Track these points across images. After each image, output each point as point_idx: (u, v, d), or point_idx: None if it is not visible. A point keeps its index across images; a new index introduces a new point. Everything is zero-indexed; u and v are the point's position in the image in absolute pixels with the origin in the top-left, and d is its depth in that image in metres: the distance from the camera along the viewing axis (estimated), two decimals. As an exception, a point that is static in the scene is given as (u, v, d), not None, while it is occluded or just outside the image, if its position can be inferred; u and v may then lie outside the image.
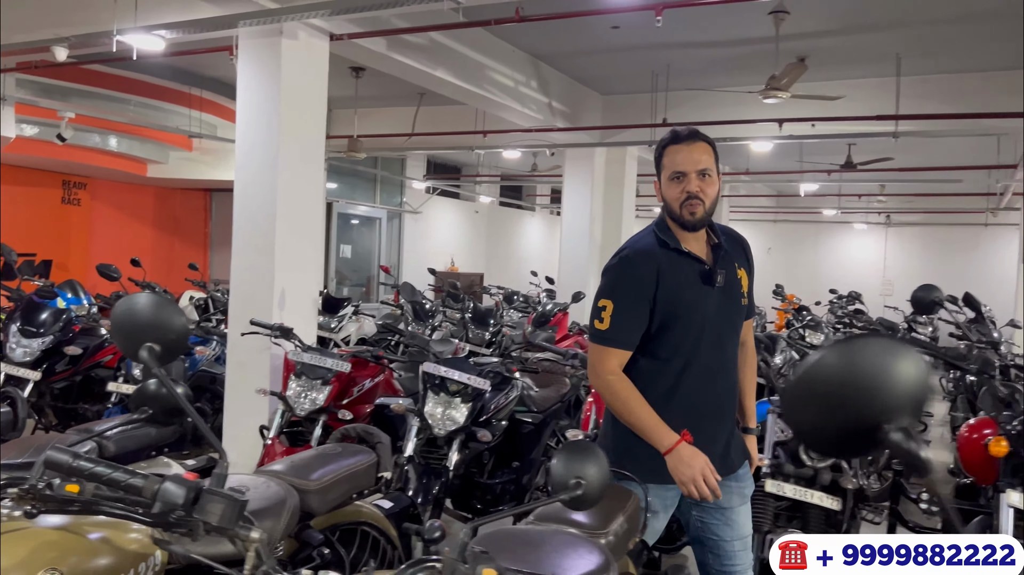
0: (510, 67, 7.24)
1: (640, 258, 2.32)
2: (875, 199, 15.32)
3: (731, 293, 2.40)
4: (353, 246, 13.23)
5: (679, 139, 2.32)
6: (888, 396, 0.85)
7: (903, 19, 6.44)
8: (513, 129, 8.38)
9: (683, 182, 2.28)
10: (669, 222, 2.36)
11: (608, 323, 2.31)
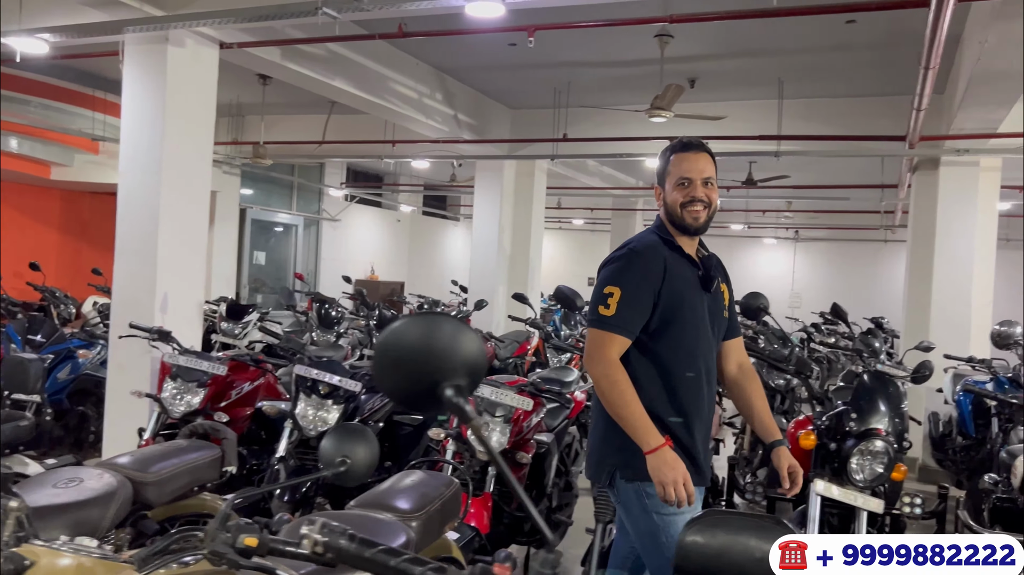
0: (414, 79, 7.40)
1: (649, 251, 2.39)
2: (783, 215, 15.97)
3: (718, 303, 2.52)
4: (268, 253, 13.17)
5: (687, 148, 2.45)
6: (444, 360, 1.04)
7: (784, 46, 6.84)
8: (422, 140, 8.54)
9: (689, 188, 2.39)
10: (668, 227, 2.46)
11: (614, 309, 2.33)
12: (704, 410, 2.46)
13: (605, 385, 2.34)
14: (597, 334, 2.37)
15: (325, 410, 4.09)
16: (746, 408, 2.65)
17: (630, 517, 2.44)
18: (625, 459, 2.36)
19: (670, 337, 2.37)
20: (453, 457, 3.81)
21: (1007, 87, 5.25)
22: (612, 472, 2.42)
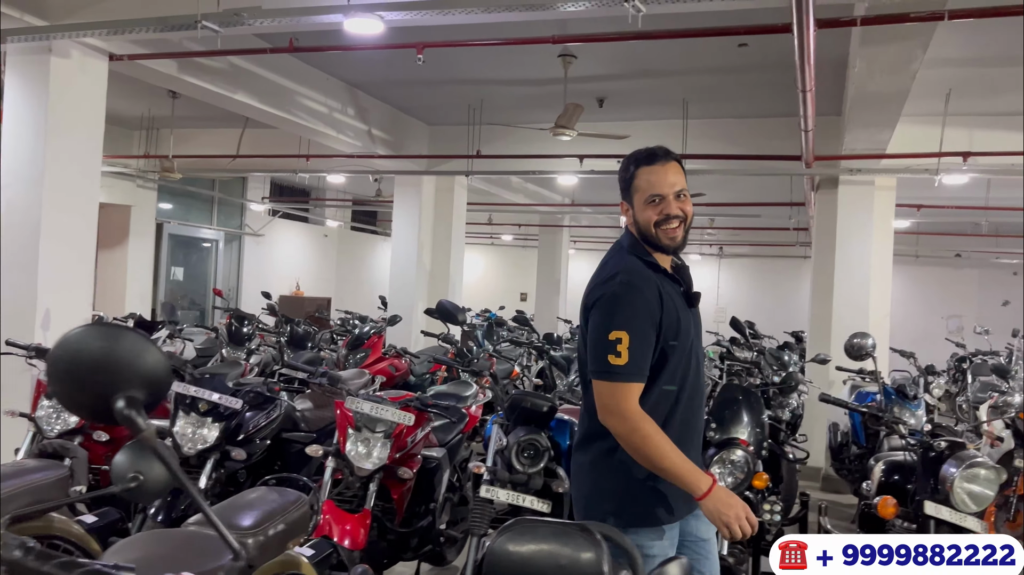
0: (323, 94, 7.38)
1: (643, 282, 2.19)
2: (706, 231, 16.33)
3: (699, 319, 2.37)
4: (187, 269, 12.89)
5: (653, 159, 2.26)
6: (120, 372, 1.05)
7: (686, 67, 7.04)
8: (336, 155, 8.50)
9: (661, 204, 2.21)
10: (643, 245, 2.27)
11: (627, 357, 2.11)
12: (696, 437, 2.34)
13: (637, 441, 2.12)
14: (613, 387, 2.14)
15: (205, 428, 4.02)
16: None
17: None
18: (618, 506, 2.21)
19: (669, 364, 2.21)
20: (333, 474, 3.78)
21: (886, 110, 5.50)
22: (603, 519, 2.22)
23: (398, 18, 3.69)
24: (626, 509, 2.20)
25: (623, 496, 2.20)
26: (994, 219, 11.59)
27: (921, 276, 17.20)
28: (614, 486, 2.21)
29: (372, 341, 7.70)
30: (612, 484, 2.22)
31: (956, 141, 7.16)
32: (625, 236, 2.34)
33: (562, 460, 3.83)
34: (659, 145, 2.32)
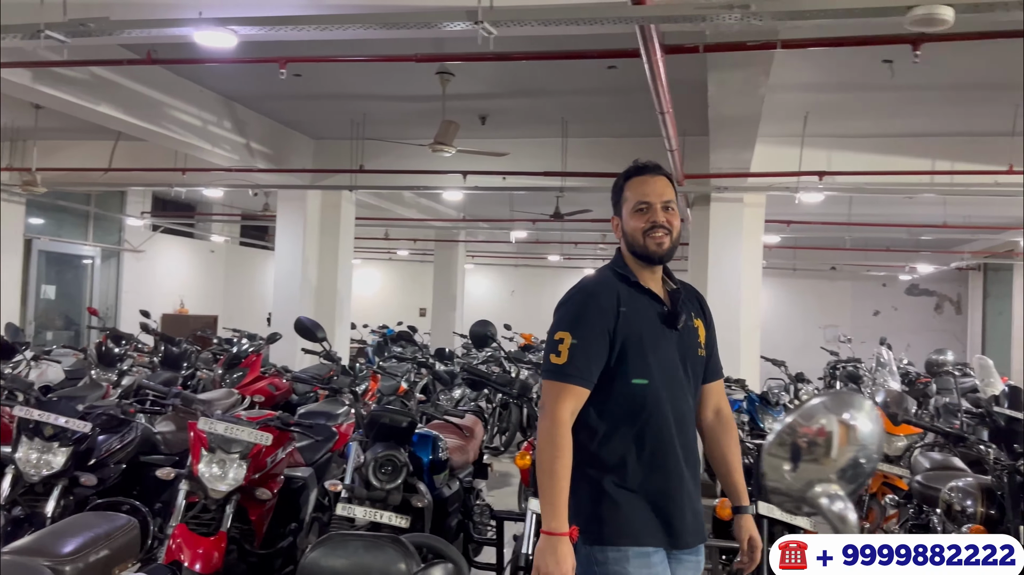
0: (197, 106, 7.20)
1: (599, 288, 2.20)
2: (599, 246, 16.72)
3: (690, 341, 2.26)
4: (60, 287, 12.24)
5: (644, 171, 2.28)
6: None
7: (564, 88, 7.22)
8: (214, 168, 8.29)
9: (648, 213, 2.21)
10: (628, 259, 2.26)
11: (566, 357, 2.12)
12: (678, 463, 2.18)
13: (544, 442, 2.10)
14: (550, 386, 2.13)
15: (51, 453, 3.84)
16: (717, 462, 2.36)
17: None
18: (582, 522, 2.13)
19: (633, 382, 2.14)
20: (187, 497, 3.68)
21: (742, 131, 5.81)
22: None
23: (252, 32, 3.66)
24: (588, 526, 2.12)
25: (587, 512, 2.13)
26: (856, 235, 12.32)
27: (799, 288, 18.10)
28: (577, 501, 2.12)
29: (250, 360, 7.51)
30: (577, 499, 2.13)
31: (815, 161, 7.62)
32: (614, 254, 2.33)
33: (423, 475, 3.86)
34: (651, 160, 2.34)
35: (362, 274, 21.06)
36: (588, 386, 2.13)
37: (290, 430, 4.04)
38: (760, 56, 4.15)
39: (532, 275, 19.76)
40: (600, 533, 2.12)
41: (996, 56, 5.68)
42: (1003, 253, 13.21)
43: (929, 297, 18.03)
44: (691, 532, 2.18)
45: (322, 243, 9.62)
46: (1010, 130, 6.56)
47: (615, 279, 2.23)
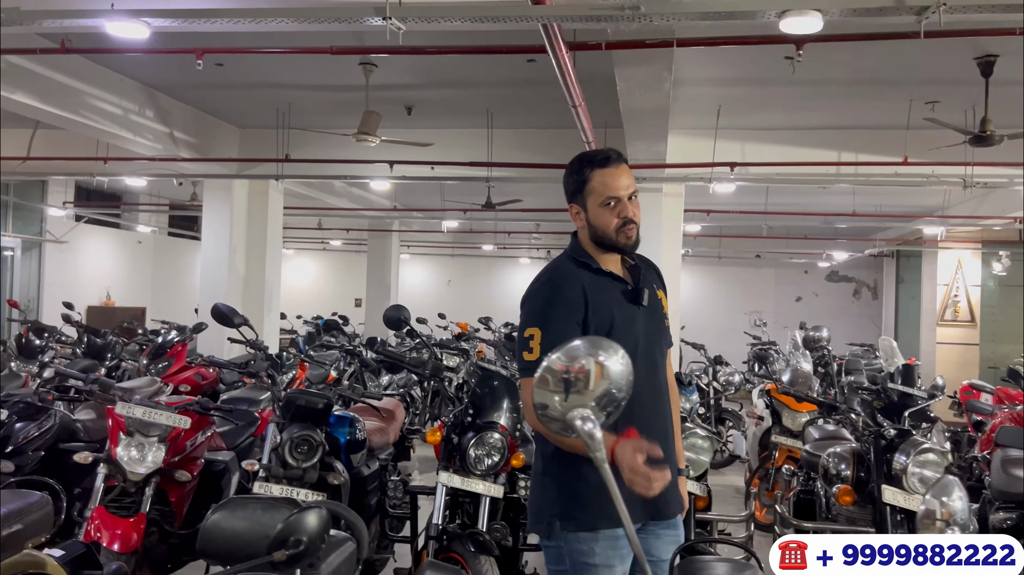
0: (117, 95, 7.13)
1: (564, 281, 2.20)
2: (533, 235, 16.95)
3: (656, 314, 2.31)
4: (-24, 279, 11.90)
5: (608, 162, 2.25)
6: None
7: (488, 79, 7.36)
8: (137, 157, 8.21)
9: (618, 207, 2.21)
10: (587, 245, 2.27)
11: (538, 352, 2.07)
12: (663, 434, 2.23)
13: (555, 438, 2.06)
14: (527, 383, 2.03)
15: (-37, 441, 3.86)
16: None
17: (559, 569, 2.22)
18: (565, 509, 2.16)
19: None
20: (105, 480, 3.75)
21: (653, 124, 6.07)
22: (551, 522, 2.20)
23: (165, 24, 3.73)
24: (571, 513, 2.15)
25: (569, 500, 2.15)
26: (774, 223, 12.82)
27: (725, 275, 18.67)
28: (558, 491, 2.16)
29: (175, 350, 7.49)
30: (557, 488, 2.17)
31: (730, 153, 7.95)
32: (571, 241, 2.34)
33: (341, 454, 4.01)
34: (610, 147, 2.34)
35: (296, 264, 20.88)
36: None
37: (209, 414, 4.14)
38: (660, 54, 4.38)
39: (468, 265, 19.90)
40: (579, 519, 2.14)
41: (886, 54, 6.06)
42: (913, 240, 13.91)
43: (848, 283, 18.79)
44: (671, 503, 2.21)
45: (250, 233, 9.58)
46: (905, 123, 6.99)
47: (576, 267, 2.24)
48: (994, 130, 5.93)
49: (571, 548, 2.18)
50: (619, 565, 2.17)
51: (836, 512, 3.75)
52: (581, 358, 1.11)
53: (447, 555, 3.38)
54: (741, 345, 14.34)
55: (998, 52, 5.77)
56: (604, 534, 2.14)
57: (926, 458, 3.35)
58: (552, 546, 2.24)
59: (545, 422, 1.11)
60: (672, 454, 2.28)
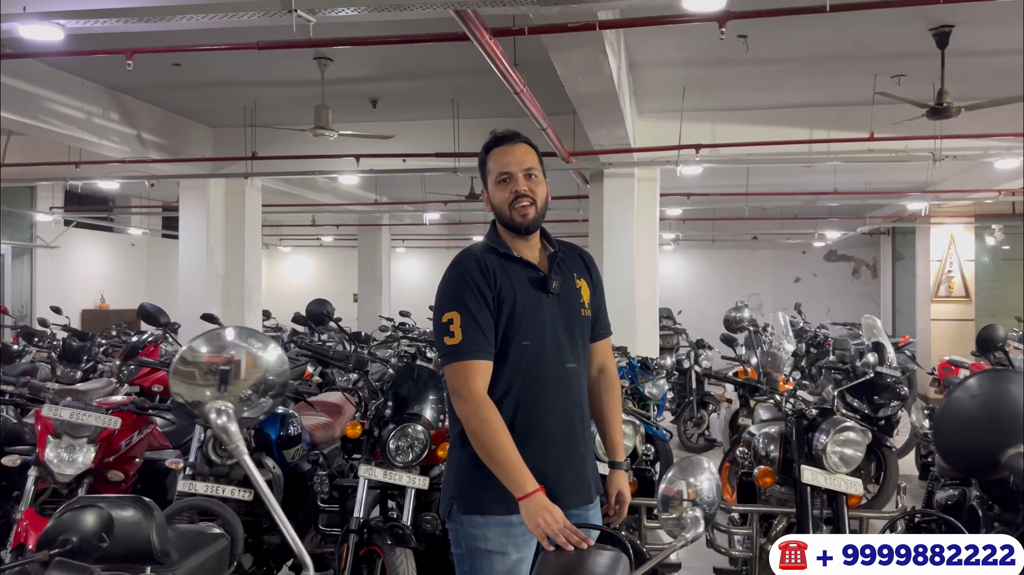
0: (79, 99, 7.15)
1: (471, 262, 2.20)
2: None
3: (569, 302, 2.28)
4: (-33, 286, 12.03)
5: (501, 141, 2.26)
6: None
7: (451, 69, 7.30)
8: (107, 160, 8.25)
9: (511, 183, 2.20)
10: (501, 230, 2.27)
11: (460, 335, 2.10)
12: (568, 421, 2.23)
13: (475, 424, 2.09)
14: (454, 368, 2.12)
15: None
16: (597, 417, 2.41)
17: (457, 553, 2.24)
18: (460, 491, 2.19)
19: (511, 348, 2.16)
20: (36, 483, 3.77)
21: (605, 109, 6.01)
22: (449, 503, 2.22)
23: (79, 26, 3.72)
24: (463, 494, 2.17)
25: (462, 481, 2.17)
26: (764, 203, 12.72)
27: (721, 258, 18.55)
28: (456, 473, 2.20)
29: (148, 350, 7.53)
30: (454, 471, 2.21)
31: (700, 134, 7.88)
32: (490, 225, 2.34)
33: (272, 449, 4.01)
34: (509, 129, 2.32)
35: (293, 262, 20.98)
36: (489, 357, 2.14)
37: (147, 413, 4.15)
38: (590, 36, 4.33)
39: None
40: (471, 502, 2.16)
41: (841, 29, 5.97)
42: (904, 217, 13.75)
43: (847, 262, 18.64)
44: (571, 494, 2.18)
45: (228, 231, 9.61)
46: (870, 99, 6.89)
47: (485, 252, 2.24)
48: (951, 102, 5.82)
49: (464, 531, 2.19)
50: (514, 552, 2.15)
51: (769, 494, 3.71)
52: (230, 349, 1.09)
53: (367, 548, 3.38)
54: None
55: (952, 22, 5.66)
56: (496, 519, 2.14)
57: (846, 437, 3.30)
58: (451, 527, 2.25)
59: (184, 416, 1.10)
60: (581, 441, 2.27)
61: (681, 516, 1.29)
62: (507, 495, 2.09)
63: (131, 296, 15.26)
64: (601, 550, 1.94)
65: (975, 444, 1.12)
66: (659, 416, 7.31)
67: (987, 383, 1.15)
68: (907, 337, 11.41)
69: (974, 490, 3.63)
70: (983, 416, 1.12)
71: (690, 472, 1.32)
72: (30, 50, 5.22)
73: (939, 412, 1.12)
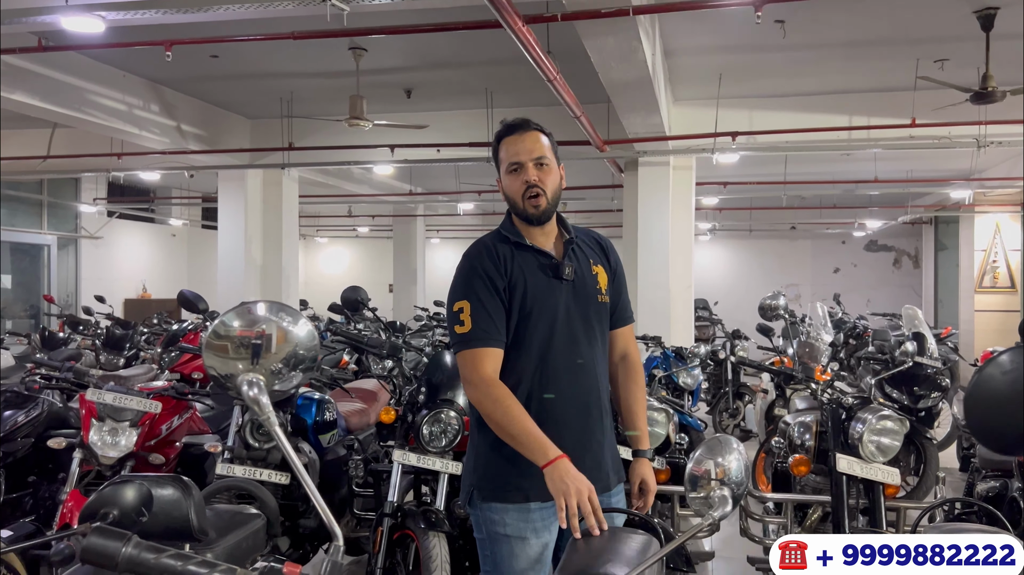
0: (120, 91, 7.30)
1: (484, 253, 2.21)
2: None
3: (584, 288, 2.26)
4: (16, 276, 12.35)
5: (512, 130, 2.25)
6: None
7: (486, 58, 7.28)
8: (148, 152, 8.40)
9: (521, 173, 2.19)
10: (514, 219, 2.28)
11: (470, 324, 2.13)
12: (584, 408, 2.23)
13: (488, 406, 2.10)
14: (463, 356, 2.15)
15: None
16: (619, 405, 2.40)
17: (479, 541, 2.25)
18: (479, 477, 2.21)
19: (523, 336, 2.18)
20: (80, 465, 3.88)
21: (639, 96, 5.96)
22: (470, 491, 2.24)
23: (119, 18, 3.80)
24: (482, 483, 2.19)
25: (483, 468, 2.19)
26: (803, 192, 12.52)
27: (759, 249, 18.31)
28: (475, 461, 2.22)
29: (188, 338, 7.67)
30: (474, 459, 2.23)
31: (737, 122, 7.78)
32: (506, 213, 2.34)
33: (308, 434, 4.07)
34: (520, 116, 2.30)
35: (330, 252, 21.19)
36: (500, 345, 2.15)
37: (186, 398, 4.24)
38: (624, 22, 4.29)
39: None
40: (490, 489, 2.18)
41: (882, 12, 5.85)
42: (948, 206, 13.44)
43: (888, 252, 18.28)
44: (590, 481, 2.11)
45: (265, 222, 9.74)
46: (911, 84, 6.74)
47: (498, 242, 2.24)
48: (996, 86, 5.67)
49: (484, 517, 2.21)
50: (533, 538, 2.16)
51: (803, 483, 3.67)
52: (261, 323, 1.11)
53: (401, 532, 3.41)
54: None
55: (998, 4, 5.51)
56: (514, 506, 2.16)
57: (884, 426, 3.25)
58: (472, 514, 2.27)
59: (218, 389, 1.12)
60: (598, 427, 2.26)
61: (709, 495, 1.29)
62: (525, 483, 2.12)
63: (172, 286, 15.55)
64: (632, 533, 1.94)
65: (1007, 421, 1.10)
66: (694, 406, 7.26)
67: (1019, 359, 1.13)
68: (949, 328, 11.17)
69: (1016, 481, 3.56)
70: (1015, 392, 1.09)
71: (718, 451, 1.31)
72: (71, 42, 5.31)
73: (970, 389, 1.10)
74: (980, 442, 2.18)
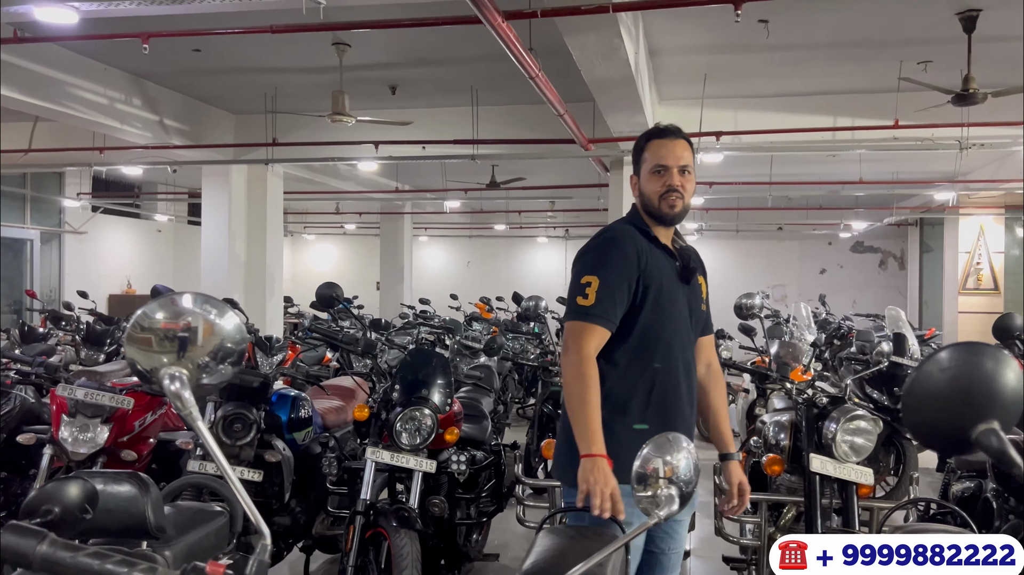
0: (102, 85, 7.23)
1: (625, 239, 2.28)
2: (547, 213, 16.86)
3: (697, 297, 2.39)
4: (-2, 270, 12.25)
5: (664, 134, 2.34)
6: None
7: (471, 55, 7.26)
8: (130, 146, 8.34)
9: (664, 176, 2.28)
10: (644, 216, 2.35)
11: (593, 299, 2.19)
12: (684, 408, 2.33)
13: (572, 376, 2.19)
14: (575, 325, 2.22)
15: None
16: (706, 411, 2.51)
17: None
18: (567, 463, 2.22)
19: (649, 330, 2.26)
20: (51, 462, 3.84)
21: (623, 94, 5.95)
22: (563, 477, 2.30)
23: (93, 9, 3.75)
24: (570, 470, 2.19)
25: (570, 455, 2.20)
26: (790, 193, 12.55)
27: (746, 249, 18.35)
28: (566, 445, 2.26)
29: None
30: (565, 443, 2.27)
31: (722, 122, 7.78)
32: (630, 210, 2.43)
33: (283, 432, 4.03)
34: (672, 123, 2.41)
35: (317, 249, 21.12)
36: (611, 327, 2.22)
37: (160, 394, 4.20)
38: (604, 19, 4.28)
39: (487, 246, 19.89)
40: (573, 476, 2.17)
41: (866, 14, 5.86)
42: (932, 208, 13.51)
43: (874, 254, 18.36)
44: None
45: (250, 218, 9.67)
46: (895, 86, 6.75)
47: (636, 232, 2.32)
48: (977, 88, 5.69)
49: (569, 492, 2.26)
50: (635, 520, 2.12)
51: (779, 483, 3.67)
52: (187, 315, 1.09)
53: (374, 530, 3.39)
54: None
55: (980, 6, 5.53)
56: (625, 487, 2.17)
57: (856, 425, 3.24)
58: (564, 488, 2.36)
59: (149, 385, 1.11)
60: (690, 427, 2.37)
61: (656, 494, 1.28)
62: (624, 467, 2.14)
63: (158, 281, 15.45)
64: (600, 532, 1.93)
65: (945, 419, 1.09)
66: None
67: (957, 356, 1.12)
68: (932, 330, 11.22)
69: (990, 482, 3.57)
70: (952, 390, 1.09)
71: (666, 450, 1.30)
72: (46, 34, 5.26)
73: (907, 387, 1.09)
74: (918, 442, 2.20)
